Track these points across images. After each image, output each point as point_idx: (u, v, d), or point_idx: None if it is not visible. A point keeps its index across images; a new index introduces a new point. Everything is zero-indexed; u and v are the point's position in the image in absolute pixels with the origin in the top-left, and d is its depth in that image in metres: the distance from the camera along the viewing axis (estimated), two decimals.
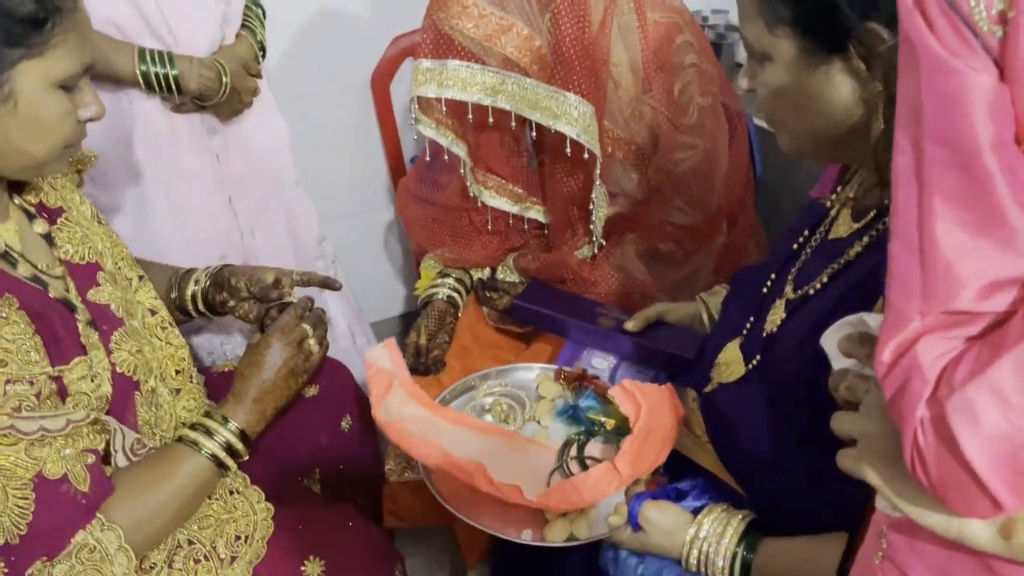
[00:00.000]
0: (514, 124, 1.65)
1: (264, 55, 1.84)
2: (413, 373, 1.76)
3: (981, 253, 0.55)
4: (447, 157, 1.81)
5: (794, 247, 1.26)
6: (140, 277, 1.40)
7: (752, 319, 1.31)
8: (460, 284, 1.90)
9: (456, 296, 1.88)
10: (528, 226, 1.91)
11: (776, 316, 1.22)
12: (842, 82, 1.00)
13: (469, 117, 1.60)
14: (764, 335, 1.24)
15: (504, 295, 1.84)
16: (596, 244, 1.80)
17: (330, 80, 2.27)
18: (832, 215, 1.21)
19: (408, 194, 1.98)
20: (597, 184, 1.67)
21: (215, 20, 1.71)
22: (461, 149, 1.70)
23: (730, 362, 1.31)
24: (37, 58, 1.06)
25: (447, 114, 1.66)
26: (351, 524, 1.45)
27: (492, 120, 1.61)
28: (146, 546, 1.22)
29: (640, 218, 1.80)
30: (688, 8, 1.75)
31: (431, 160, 1.84)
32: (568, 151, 1.60)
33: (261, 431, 1.39)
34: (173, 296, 1.53)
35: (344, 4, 2.20)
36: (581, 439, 1.40)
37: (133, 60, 1.58)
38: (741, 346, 1.31)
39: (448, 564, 2.09)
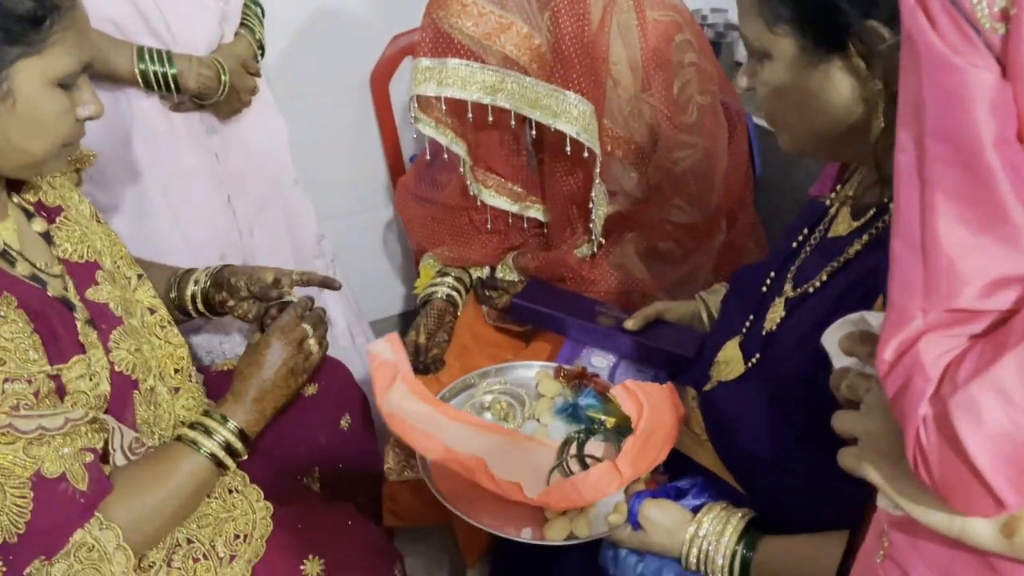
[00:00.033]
0: (514, 123, 1.65)
1: (263, 54, 1.83)
2: (413, 372, 1.76)
3: (983, 251, 0.55)
4: (446, 156, 1.81)
5: (793, 245, 1.26)
6: (139, 276, 1.40)
7: (751, 317, 1.31)
8: (459, 283, 1.90)
9: (455, 295, 1.88)
10: (527, 225, 1.90)
11: (775, 314, 1.22)
12: (842, 80, 1.00)
13: (469, 116, 1.60)
14: (763, 333, 1.24)
15: (503, 294, 1.84)
16: (595, 243, 1.80)
17: (329, 79, 2.27)
18: (831, 213, 1.21)
19: (407, 193, 1.98)
20: (597, 183, 1.66)
21: (214, 19, 1.70)
22: (460, 148, 1.70)
23: (729, 360, 1.31)
24: (35, 56, 1.05)
25: (446, 113, 1.66)
26: (350, 523, 1.44)
27: (492, 119, 1.61)
28: (145, 545, 1.22)
29: (639, 217, 1.80)
30: (687, 6, 1.74)
31: (430, 159, 1.84)
32: (568, 150, 1.60)
33: (260, 430, 1.39)
34: (172, 296, 1.53)
35: (343, 3, 2.20)
36: (581, 437, 1.40)
37: (132, 59, 1.57)
38: (740, 344, 1.31)
39: (447, 563, 2.08)
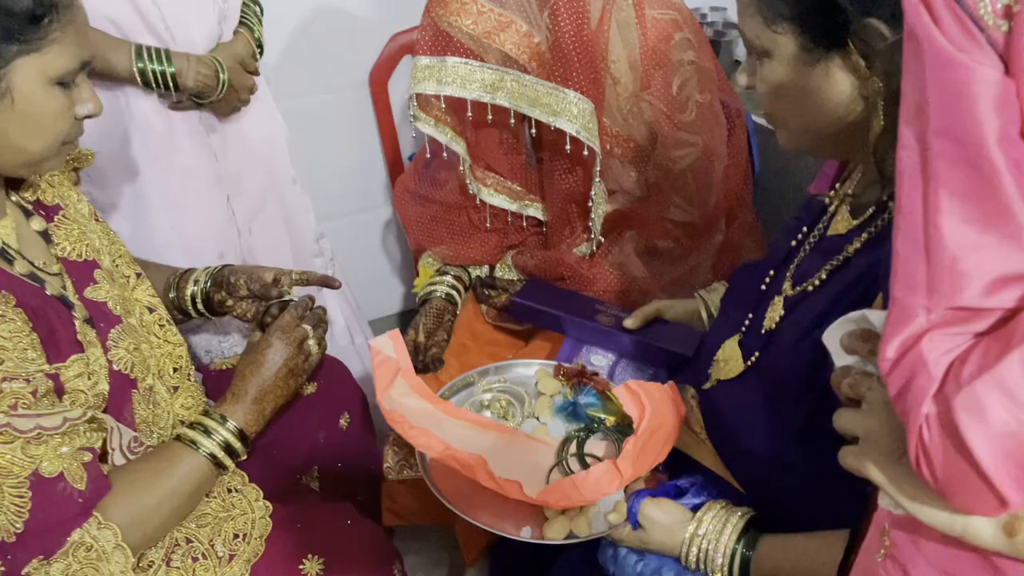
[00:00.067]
0: (513, 121, 1.65)
1: (262, 53, 1.83)
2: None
3: (987, 248, 0.55)
4: (446, 154, 1.81)
5: (792, 244, 1.26)
6: (138, 275, 1.40)
7: (751, 316, 1.30)
8: (458, 282, 1.90)
9: (454, 294, 1.88)
10: (527, 223, 1.90)
11: (775, 313, 1.22)
12: (841, 78, 1.00)
13: (468, 114, 1.60)
14: (763, 332, 1.24)
15: (503, 293, 1.84)
16: (595, 241, 1.80)
17: (328, 78, 2.26)
18: (831, 212, 1.21)
19: (406, 192, 1.98)
20: (597, 181, 1.66)
21: (213, 17, 1.70)
22: (460, 146, 1.70)
23: (729, 359, 1.31)
24: (34, 54, 1.05)
25: (446, 111, 1.66)
26: (349, 522, 1.44)
27: (491, 117, 1.61)
28: (143, 544, 1.22)
29: (638, 215, 1.80)
30: (687, 5, 1.74)
31: (430, 157, 1.84)
32: (568, 148, 1.60)
33: (259, 430, 1.38)
34: (172, 296, 1.53)
35: (342, 2, 2.20)
36: (581, 436, 1.40)
37: (130, 57, 1.57)
38: (740, 343, 1.30)
39: (447, 562, 2.08)
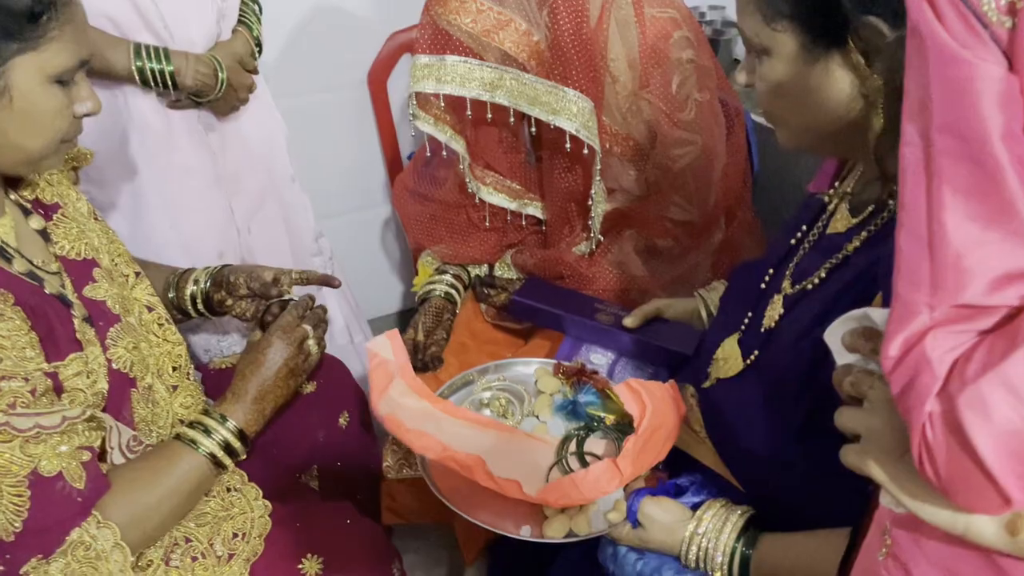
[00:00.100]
0: (512, 119, 1.65)
1: (260, 51, 1.83)
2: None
3: (991, 245, 0.55)
4: (445, 153, 1.80)
5: (792, 242, 1.26)
6: (137, 274, 1.40)
7: (750, 314, 1.30)
8: (458, 280, 1.89)
9: (454, 292, 1.88)
10: (526, 222, 1.90)
11: (774, 311, 1.22)
12: (841, 76, 1.00)
13: (467, 112, 1.60)
14: (762, 330, 1.23)
15: (502, 292, 1.84)
16: (594, 240, 1.80)
17: (327, 77, 2.26)
18: (830, 210, 1.21)
19: (405, 191, 1.98)
20: (596, 180, 1.66)
21: (211, 16, 1.70)
22: (459, 145, 1.70)
23: (728, 357, 1.31)
24: (32, 52, 1.05)
25: (445, 109, 1.66)
26: (349, 521, 1.44)
27: (490, 116, 1.61)
28: (142, 543, 1.21)
29: (638, 214, 1.80)
30: (685, 3, 1.74)
31: (429, 156, 1.84)
32: (567, 146, 1.60)
33: (259, 430, 1.38)
34: (171, 296, 1.53)
35: (341, 1, 2.19)
36: (580, 435, 1.40)
37: (128, 56, 1.57)
38: (739, 341, 1.30)
39: (446, 560, 2.08)
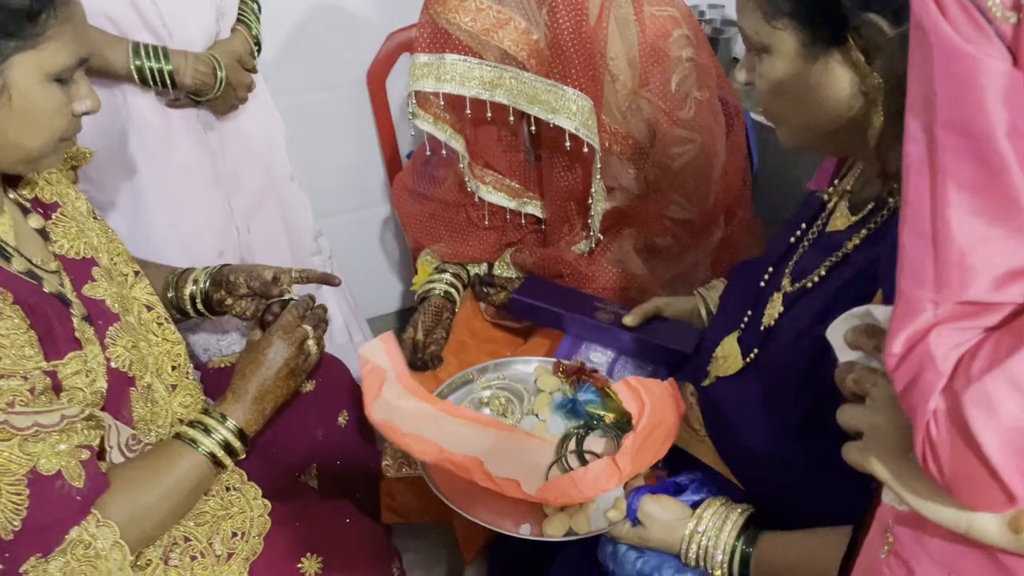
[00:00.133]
0: (512, 118, 1.64)
1: (259, 50, 1.83)
2: (410, 369, 1.75)
3: (996, 242, 0.54)
4: (444, 152, 1.80)
5: (791, 240, 1.26)
6: (136, 273, 1.39)
7: (750, 313, 1.30)
8: (457, 279, 1.89)
9: (453, 291, 1.88)
10: (525, 221, 1.90)
11: (774, 309, 1.22)
12: (841, 74, 1.00)
13: (467, 111, 1.60)
14: (762, 329, 1.23)
15: (501, 290, 1.84)
16: (594, 239, 1.79)
17: (326, 76, 2.26)
18: (829, 208, 1.20)
19: (404, 190, 1.98)
20: (596, 178, 1.66)
21: (210, 15, 1.70)
22: (459, 143, 1.70)
23: (728, 356, 1.31)
24: (31, 50, 1.05)
25: (445, 108, 1.65)
26: (348, 520, 1.44)
27: (490, 114, 1.60)
28: (142, 542, 1.21)
29: (637, 213, 1.80)
30: (685, 2, 1.74)
31: (428, 155, 1.84)
32: (567, 145, 1.60)
33: (259, 429, 1.38)
34: (170, 295, 1.53)
35: (340, 0, 2.19)
36: (580, 433, 1.40)
37: (127, 55, 1.57)
38: (739, 340, 1.30)
39: (445, 559, 2.08)
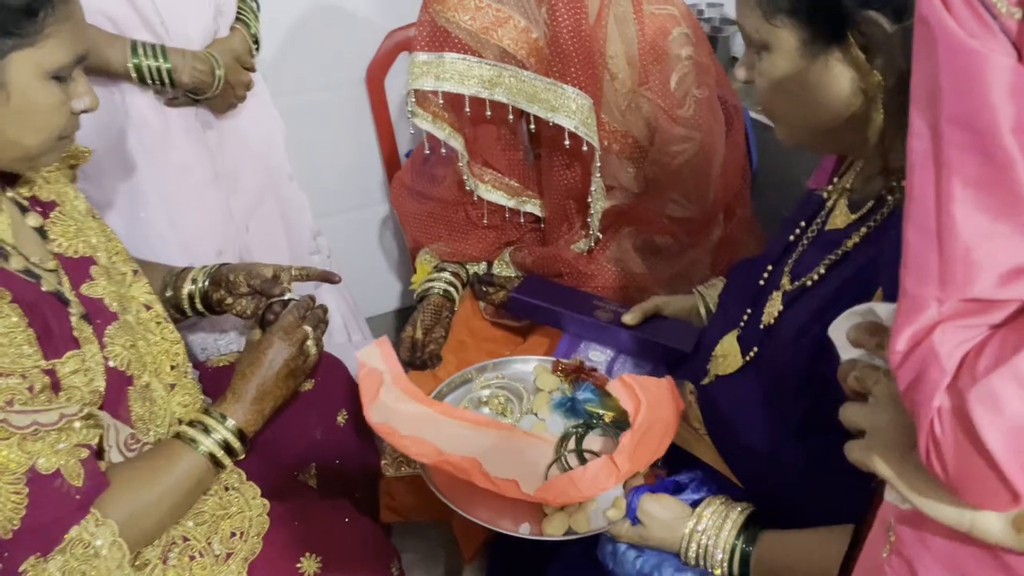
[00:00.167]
0: (511, 117, 1.64)
1: (258, 48, 1.83)
2: (409, 367, 1.76)
3: (1001, 238, 0.54)
4: (444, 151, 1.80)
5: (791, 239, 1.25)
6: (134, 272, 1.39)
7: (749, 311, 1.30)
8: (456, 278, 1.89)
9: (452, 290, 1.88)
10: (524, 220, 1.89)
11: (773, 308, 1.22)
12: (841, 72, 1.00)
13: (466, 110, 1.60)
14: (761, 327, 1.23)
15: (500, 289, 1.83)
16: (593, 238, 1.79)
17: (325, 75, 2.26)
18: (829, 206, 1.20)
19: (403, 188, 1.98)
20: (596, 177, 1.66)
21: (208, 13, 1.69)
22: (458, 142, 1.70)
23: (727, 354, 1.31)
24: (29, 48, 1.05)
25: (444, 107, 1.65)
26: (347, 520, 1.44)
27: (489, 113, 1.60)
28: (141, 542, 1.21)
29: (637, 211, 1.79)
30: (684, 0, 1.74)
31: (427, 154, 1.83)
32: (566, 144, 1.60)
33: (258, 430, 1.38)
34: (168, 295, 1.52)
35: None
36: (579, 432, 1.40)
37: (125, 53, 1.56)
38: (738, 338, 1.30)
39: (444, 559, 2.08)
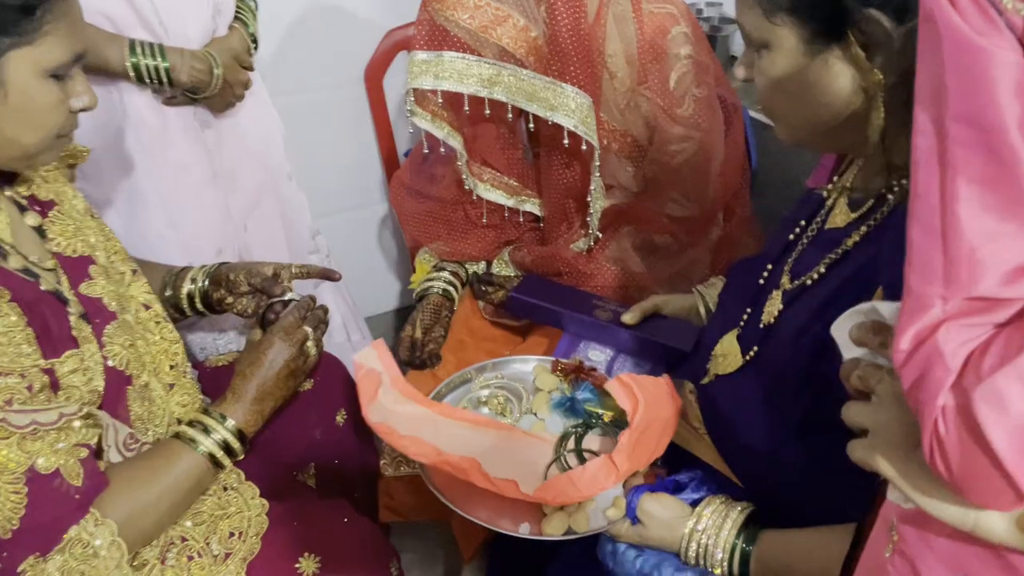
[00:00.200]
0: (510, 116, 1.64)
1: (256, 47, 1.82)
2: (409, 367, 1.75)
3: (1007, 237, 0.54)
4: (443, 150, 1.80)
5: (790, 237, 1.25)
6: (133, 271, 1.39)
7: (749, 311, 1.30)
8: (455, 278, 1.89)
9: (451, 290, 1.87)
10: (524, 219, 1.89)
11: (773, 307, 1.22)
12: (841, 71, 1.00)
13: (465, 109, 1.59)
14: (761, 326, 1.23)
15: (499, 289, 1.83)
16: (592, 237, 1.79)
17: (323, 74, 2.26)
18: (828, 205, 1.20)
19: (402, 188, 1.97)
20: (595, 176, 1.66)
21: (207, 12, 1.69)
22: (457, 141, 1.69)
23: (727, 354, 1.30)
24: (28, 46, 1.05)
25: (443, 106, 1.65)
26: (346, 520, 1.44)
27: (488, 112, 1.60)
28: (140, 541, 1.21)
29: (636, 211, 1.79)
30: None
31: (426, 153, 1.83)
32: (566, 143, 1.59)
33: (258, 430, 1.38)
34: (168, 294, 1.52)
35: None
36: (579, 432, 1.40)
37: (123, 52, 1.56)
38: (738, 338, 1.30)
39: (444, 558, 2.08)
